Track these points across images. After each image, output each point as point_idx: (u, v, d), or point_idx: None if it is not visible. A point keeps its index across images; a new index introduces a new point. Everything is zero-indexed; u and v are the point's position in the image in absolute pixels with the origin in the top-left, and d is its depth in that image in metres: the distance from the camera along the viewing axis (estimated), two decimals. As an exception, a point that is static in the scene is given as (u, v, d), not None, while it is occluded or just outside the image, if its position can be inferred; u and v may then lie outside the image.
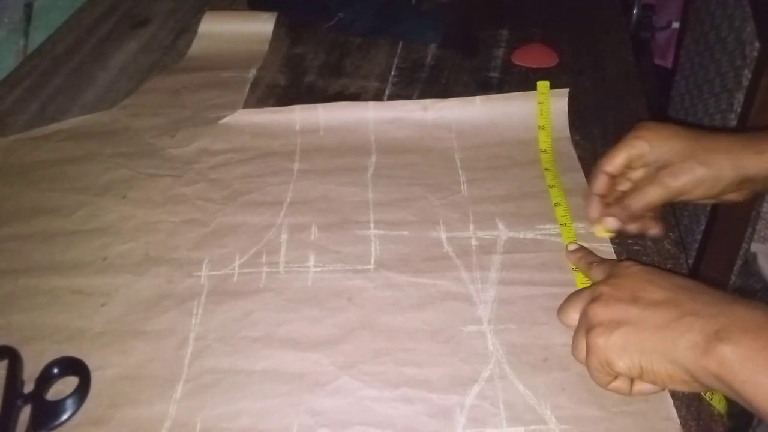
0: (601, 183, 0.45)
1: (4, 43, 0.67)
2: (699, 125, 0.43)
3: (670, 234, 0.46)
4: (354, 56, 0.67)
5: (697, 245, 0.77)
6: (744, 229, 0.72)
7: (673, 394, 0.36)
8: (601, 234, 0.46)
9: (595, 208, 0.45)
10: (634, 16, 1.09)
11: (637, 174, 0.45)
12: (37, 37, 0.71)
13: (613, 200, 0.45)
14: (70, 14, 0.76)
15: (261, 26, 0.70)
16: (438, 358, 0.39)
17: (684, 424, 0.35)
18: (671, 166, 0.42)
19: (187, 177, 0.53)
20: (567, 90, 0.55)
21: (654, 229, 0.45)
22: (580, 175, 0.51)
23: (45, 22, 0.72)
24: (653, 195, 0.43)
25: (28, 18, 0.70)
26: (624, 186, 0.45)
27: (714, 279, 0.77)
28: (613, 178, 0.45)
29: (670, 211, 0.47)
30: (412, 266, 0.45)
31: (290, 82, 0.64)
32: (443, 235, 0.47)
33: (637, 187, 0.44)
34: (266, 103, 0.60)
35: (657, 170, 0.43)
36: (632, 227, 0.45)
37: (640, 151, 0.43)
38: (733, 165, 0.41)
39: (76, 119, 0.60)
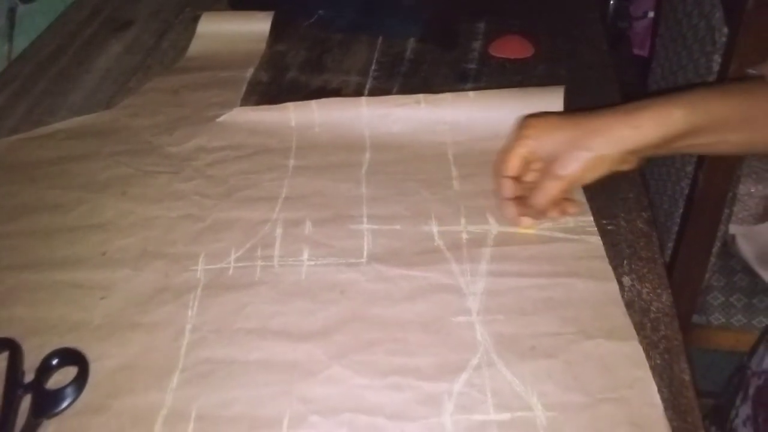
0: (507, 188, 0.46)
1: (-12, 48, 0.69)
2: (584, 108, 0.44)
3: (642, 213, 0.48)
4: (335, 52, 0.68)
5: (677, 228, 0.78)
6: (720, 211, 0.73)
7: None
8: (524, 231, 0.47)
9: (510, 212, 0.47)
10: (611, 7, 1.10)
11: (537, 166, 0.46)
12: (22, 42, 0.73)
13: (527, 193, 0.47)
14: (54, 19, 0.77)
15: (257, 26, 0.71)
16: (427, 348, 0.40)
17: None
18: (559, 157, 0.43)
19: (184, 174, 0.54)
20: (562, 87, 0.56)
21: (572, 209, 0.46)
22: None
23: (29, 26, 0.74)
24: (551, 189, 0.44)
25: (11, 23, 0.71)
26: (531, 177, 0.47)
27: (694, 261, 0.78)
28: (518, 177, 0.46)
29: (643, 192, 0.49)
30: (404, 259, 0.46)
31: (272, 78, 0.65)
32: (435, 229, 0.48)
33: (537, 183, 0.45)
34: (250, 101, 0.62)
35: (549, 164, 0.44)
36: (552, 214, 0.46)
37: (530, 149, 0.45)
38: (614, 143, 0.43)
39: (77, 119, 0.61)
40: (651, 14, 1.19)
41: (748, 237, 0.89)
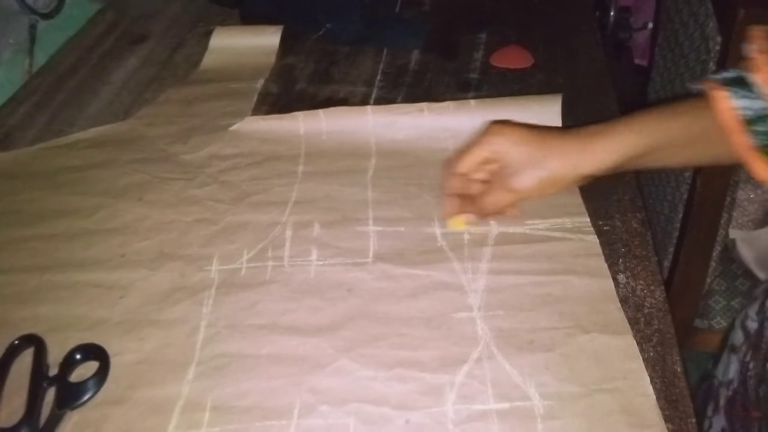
0: (454, 183, 0.48)
1: (10, 62, 0.72)
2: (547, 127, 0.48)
3: (637, 214, 0.50)
4: (342, 64, 0.71)
5: (677, 233, 0.80)
6: (719, 216, 0.75)
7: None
8: (456, 227, 0.49)
9: (450, 206, 0.48)
10: (612, 18, 1.12)
11: (490, 169, 0.48)
12: (42, 56, 0.76)
13: (468, 192, 0.49)
14: (72, 34, 0.81)
15: (268, 39, 0.74)
16: (430, 342, 0.42)
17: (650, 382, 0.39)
18: (516, 172, 0.45)
19: (198, 180, 0.56)
20: (560, 95, 0.58)
21: (511, 210, 0.48)
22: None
23: (48, 41, 0.77)
24: (502, 199, 0.47)
25: (32, 38, 0.74)
26: (479, 175, 0.48)
27: (695, 265, 0.79)
28: (467, 175, 0.48)
29: (638, 194, 0.51)
30: (408, 259, 0.48)
31: (282, 89, 0.67)
32: (437, 231, 0.50)
33: (488, 189, 0.47)
34: (260, 111, 0.64)
35: (504, 174, 0.46)
36: (492, 216, 0.48)
37: (490, 154, 0.46)
38: (570, 168, 0.45)
39: (96, 129, 0.64)
40: (650, 25, 1.22)
41: (748, 241, 0.91)
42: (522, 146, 0.45)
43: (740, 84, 0.43)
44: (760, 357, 0.54)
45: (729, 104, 0.43)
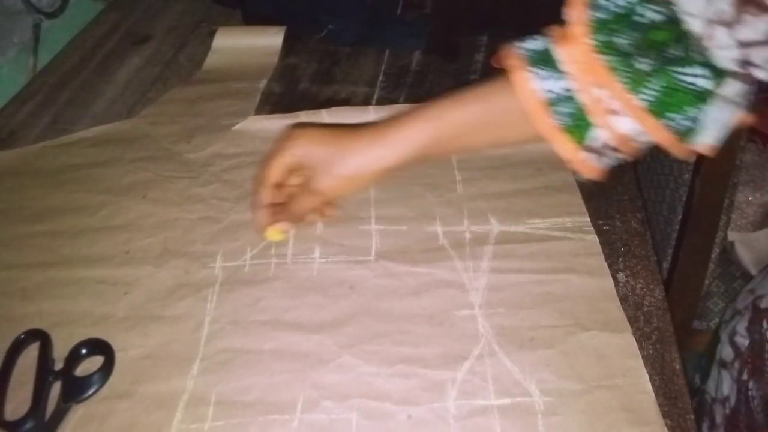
0: (265, 195, 0.47)
1: (15, 61, 0.72)
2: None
3: (637, 214, 0.50)
4: (344, 64, 0.71)
5: (676, 235, 0.80)
6: (717, 218, 0.75)
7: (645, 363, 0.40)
8: (274, 238, 0.48)
9: (263, 218, 0.47)
10: None
11: (297, 178, 0.47)
12: (46, 56, 0.76)
13: (281, 202, 0.48)
14: (76, 33, 0.81)
15: (270, 40, 0.75)
16: (432, 339, 0.43)
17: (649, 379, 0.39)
18: (317, 173, 0.45)
19: (202, 178, 0.57)
20: None
21: (329, 212, 0.48)
22: (569, 174, 0.54)
23: (53, 41, 0.77)
24: (309, 202, 0.46)
25: (36, 38, 0.75)
26: (295, 180, 0.48)
27: (694, 267, 0.80)
28: (276, 185, 0.47)
29: (638, 194, 0.51)
30: (410, 257, 0.48)
31: (285, 89, 0.68)
32: (439, 230, 0.50)
33: (297, 193, 0.47)
34: (263, 110, 0.65)
35: (309, 177, 0.45)
36: (310, 219, 0.48)
37: (292, 160, 0.46)
38: (366, 163, 0.44)
39: (99, 128, 0.64)
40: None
41: (746, 244, 0.91)
42: (319, 148, 0.45)
43: (544, 59, 0.42)
44: (764, 380, 0.53)
45: (531, 86, 0.41)
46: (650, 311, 0.43)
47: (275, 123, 0.61)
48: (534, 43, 0.44)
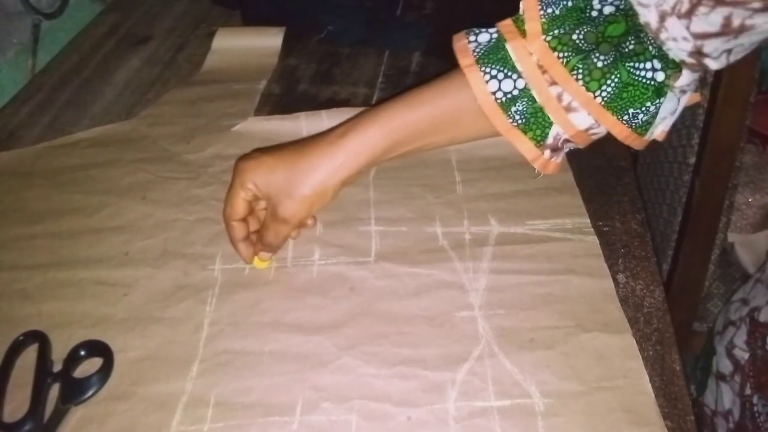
0: (238, 231, 0.47)
1: (14, 62, 0.72)
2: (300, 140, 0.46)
3: (637, 215, 0.50)
4: (343, 65, 0.71)
5: (676, 236, 0.80)
6: (717, 219, 0.75)
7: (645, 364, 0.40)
8: (260, 266, 0.48)
9: (245, 252, 0.47)
10: None
11: (263, 203, 0.47)
12: (45, 56, 0.76)
13: (256, 230, 0.48)
14: (75, 34, 0.81)
15: (270, 41, 0.75)
16: (432, 340, 0.43)
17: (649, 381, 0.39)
18: (280, 201, 0.44)
19: (201, 180, 0.57)
20: None
21: (309, 222, 0.48)
22: (569, 176, 0.54)
23: (52, 42, 0.77)
24: (281, 231, 0.45)
25: (35, 38, 0.75)
26: (262, 205, 0.47)
27: (694, 268, 0.80)
28: (244, 220, 0.47)
29: (637, 196, 0.51)
30: (410, 258, 0.48)
31: (284, 90, 0.68)
32: (439, 230, 0.50)
33: (264, 224, 0.46)
34: (263, 111, 0.64)
35: (272, 206, 0.45)
36: (292, 236, 0.48)
37: (251, 193, 0.45)
38: (326, 179, 0.43)
39: (99, 129, 0.64)
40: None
41: (746, 245, 0.91)
42: (273, 176, 0.44)
43: (498, 57, 0.41)
44: None
45: (485, 88, 0.41)
46: (650, 312, 0.43)
47: (275, 124, 0.61)
48: (485, 37, 0.42)
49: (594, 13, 0.39)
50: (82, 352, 0.43)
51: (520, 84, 0.40)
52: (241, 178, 0.45)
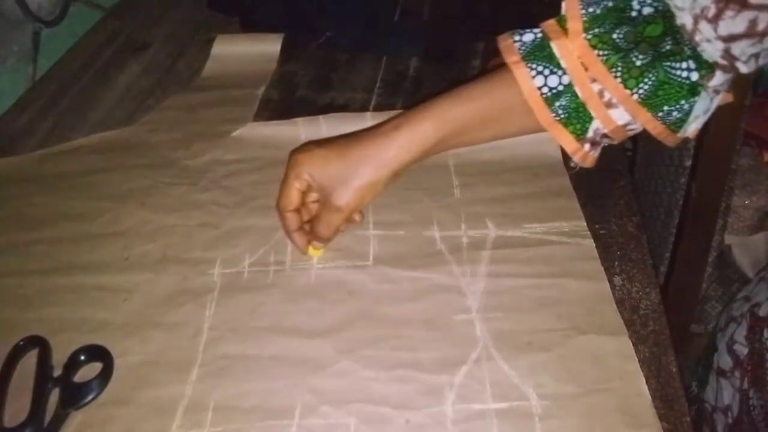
0: (291, 221, 0.48)
1: (14, 69, 0.72)
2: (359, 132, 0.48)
3: (633, 218, 0.50)
4: (341, 71, 0.72)
5: (673, 239, 0.80)
6: (714, 222, 0.75)
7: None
8: (315, 255, 0.49)
9: (300, 242, 0.48)
10: None
11: (315, 196, 0.48)
12: (45, 64, 0.77)
13: (309, 219, 0.49)
14: (75, 41, 0.81)
15: (268, 47, 0.75)
16: (430, 343, 0.43)
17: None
18: (333, 191, 0.45)
19: (200, 185, 0.57)
20: None
21: (357, 218, 0.49)
22: (566, 179, 0.54)
23: (52, 49, 0.77)
24: (334, 221, 0.47)
25: (36, 45, 0.75)
26: (313, 196, 0.49)
27: (691, 270, 0.80)
28: (299, 210, 0.48)
29: (633, 199, 0.52)
30: (408, 262, 0.48)
31: (283, 96, 0.68)
32: (436, 234, 0.51)
33: (317, 214, 0.47)
34: (262, 117, 0.65)
35: (325, 196, 0.46)
36: (341, 228, 0.49)
37: (305, 184, 0.46)
38: (380, 168, 0.45)
39: (99, 135, 0.65)
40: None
41: (743, 247, 0.92)
42: (327, 166, 0.46)
43: (543, 54, 0.43)
44: (765, 389, 0.53)
45: (531, 84, 0.43)
46: (646, 314, 0.44)
47: (273, 129, 0.62)
48: (530, 37, 0.44)
49: (633, 14, 0.40)
50: (82, 357, 0.43)
51: (565, 80, 0.42)
52: (296, 170, 0.46)
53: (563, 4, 0.43)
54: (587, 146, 0.44)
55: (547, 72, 0.42)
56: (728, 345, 0.58)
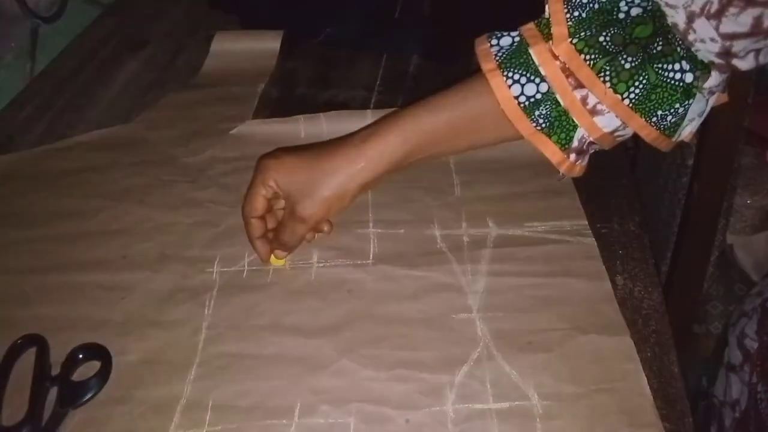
0: (255, 228, 0.47)
1: (12, 66, 0.72)
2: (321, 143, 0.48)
3: (635, 217, 0.50)
4: (341, 68, 0.71)
5: (675, 238, 0.80)
6: (716, 221, 0.75)
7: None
8: (276, 264, 0.48)
9: (262, 250, 0.48)
10: None
11: (282, 203, 0.47)
12: (43, 60, 0.76)
13: (273, 229, 0.48)
14: (74, 38, 0.81)
15: (268, 44, 0.74)
16: (430, 342, 0.43)
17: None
18: (299, 200, 0.45)
19: (199, 183, 0.57)
20: None
21: (326, 229, 0.49)
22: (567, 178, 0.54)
23: (50, 45, 0.77)
24: (298, 231, 0.46)
25: (34, 42, 0.74)
26: (279, 208, 0.48)
27: (693, 270, 0.80)
28: (263, 217, 0.48)
29: (636, 198, 0.51)
30: (408, 261, 0.48)
31: (282, 93, 0.68)
32: (437, 233, 0.50)
33: (281, 223, 0.47)
34: (262, 114, 0.64)
35: (291, 205, 0.45)
36: (307, 238, 0.48)
37: (271, 191, 0.46)
38: (346, 182, 0.44)
39: (97, 132, 0.64)
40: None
41: (745, 247, 0.91)
42: (294, 175, 0.45)
43: (521, 61, 0.41)
44: None
45: (508, 93, 0.41)
46: (648, 314, 0.43)
47: (273, 127, 0.62)
48: (508, 41, 0.42)
49: (621, 15, 0.39)
50: (81, 356, 0.43)
51: (543, 88, 0.40)
52: (263, 176, 0.46)
53: (546, 8, 0.41)
54: (573, 156, 0.42)
55: (523, 80, 0.41)
56: (738, 339, 0.57)
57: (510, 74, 0.41)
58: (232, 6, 0.82)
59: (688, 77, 0.38)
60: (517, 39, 0.42)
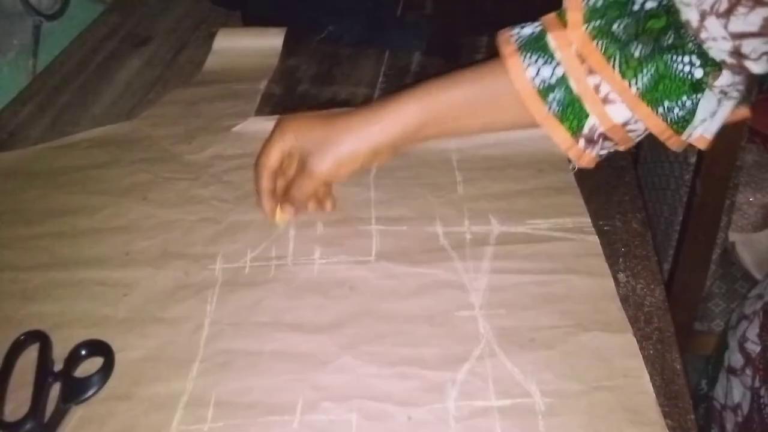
0: (265, 179, 0.49)
1: (15, 63, 0.72)
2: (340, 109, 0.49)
3: (637, 214, 0.50)
4: (344, 65, 0.71)
5: (677, 236, 0.80)
6: (718, 219, 0.75)
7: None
8: (280, 219, 0.50)
9: (267, 203, 0.50)
10: None
11: (294, 163, 0.49)
12: (46, 57, 0.76)
13: (282, 189, 0.50)
14: (76, 35, 0.81)
15: (270, 41, 0.75)
16: (432, 339, 0.43)
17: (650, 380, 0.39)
18: (312, 156, 0.46)
19: (202, 180, 0.57)
20: None
21: (328, 205, 0.50)
22: (570, 175, 0.54)
23: (52, 43, 0.77)
24: (306, 185, 0.48)
25: (36, 39, 0.75)
26: (291, 170, 0.50)
27: (695, 268, 0.80)
28: (276, 172, 0.49)
29: (638, 195, 0.51)
30: (410, 258, 0.48)
31: (285, 91, 0.68)
32: (439, 230, 0.50)
33: (294, 177, 0.48)
34: (263, 112, 0.64)
35: (304, 159, 0.47)
36: (311, 207, 0.50)
37: (289, 144, 0.48)
38: (359, 141, 0.46)
39: (100, 129, 0.64)
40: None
41: (747, 244, 0.91)
42: (312, 132, 0.47)
43: (538, 45, 0.42)
44: None
45: (524, 75, 0.42)
46: (651, 311, 0.43)
47: (275, 124, 0.61)
48: (529, 30, 0.43)
49: (636, 7, 0.40)
50: (83, 352, 0.43)
51: (559, 72, 0.41)
52: (282, 129, 0.48)
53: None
54: (582, 142, 0.42)
55: (540, 63, 0.42)
56: (740, 343, 0.57)
57: (527, 57, 0.42)
58: (234, 3, 0.82)
59: (698, 72, 0.38)
60: (538, 28, 0.43)
